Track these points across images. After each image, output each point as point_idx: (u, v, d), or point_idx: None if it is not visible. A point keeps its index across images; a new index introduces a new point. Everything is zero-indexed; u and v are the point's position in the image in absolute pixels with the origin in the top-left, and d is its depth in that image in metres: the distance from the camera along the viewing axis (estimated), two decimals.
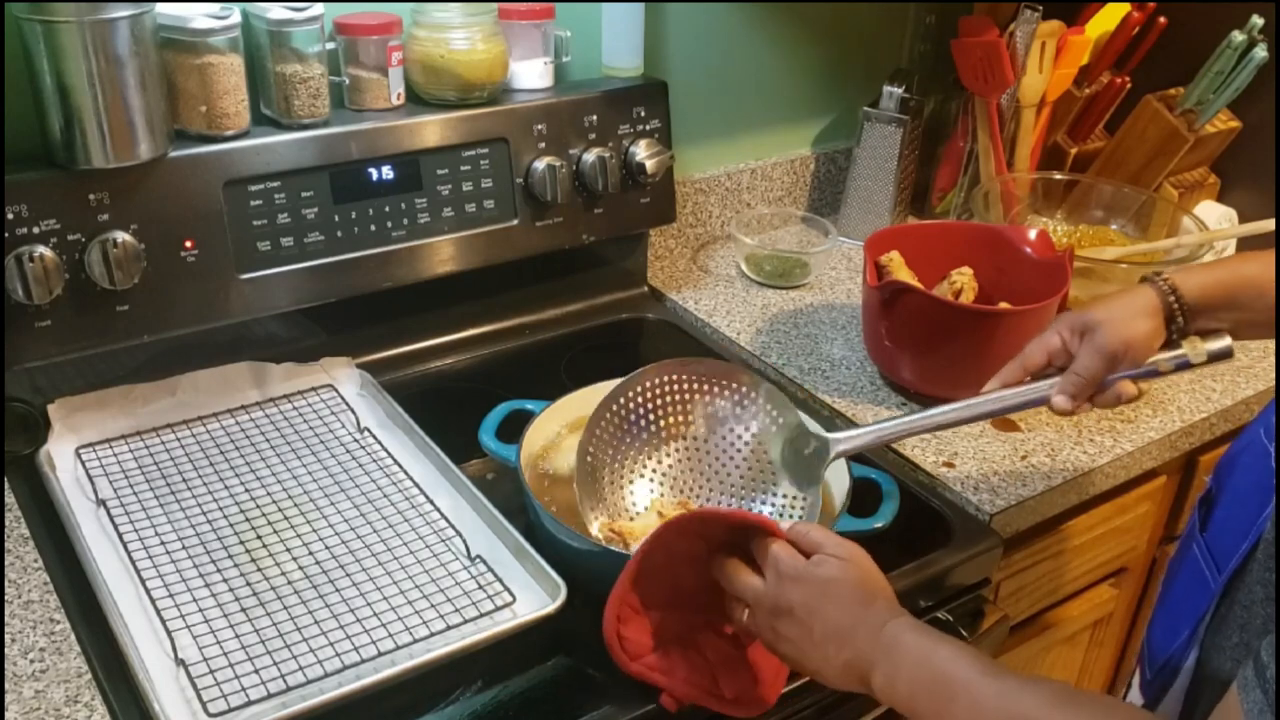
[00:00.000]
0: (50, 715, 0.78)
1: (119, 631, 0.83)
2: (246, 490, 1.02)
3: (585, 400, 1.07)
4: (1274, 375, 1.30)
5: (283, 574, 0.92)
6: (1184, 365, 0.90)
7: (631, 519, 0.96)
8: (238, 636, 0.85)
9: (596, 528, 0.94)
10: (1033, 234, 1.25)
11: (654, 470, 0.99)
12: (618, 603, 0.81)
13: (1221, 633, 0.79)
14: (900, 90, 1.53)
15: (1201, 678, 0.82)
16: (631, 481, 0.98)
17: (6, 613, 0.87)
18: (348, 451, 1.08)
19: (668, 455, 0.99)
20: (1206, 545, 0.85)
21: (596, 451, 0.96)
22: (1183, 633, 0.84)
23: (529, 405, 1.04)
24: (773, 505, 0.97)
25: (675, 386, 0.99)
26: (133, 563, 0.92)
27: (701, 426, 0.99)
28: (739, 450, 0.99)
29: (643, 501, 0.98)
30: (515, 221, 1.25)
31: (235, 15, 1.04)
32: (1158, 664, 0.88)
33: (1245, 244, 1.55)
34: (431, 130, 1.17)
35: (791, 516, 0.95)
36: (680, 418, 0.99)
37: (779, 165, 1.62)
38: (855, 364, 1.29)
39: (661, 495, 0.98)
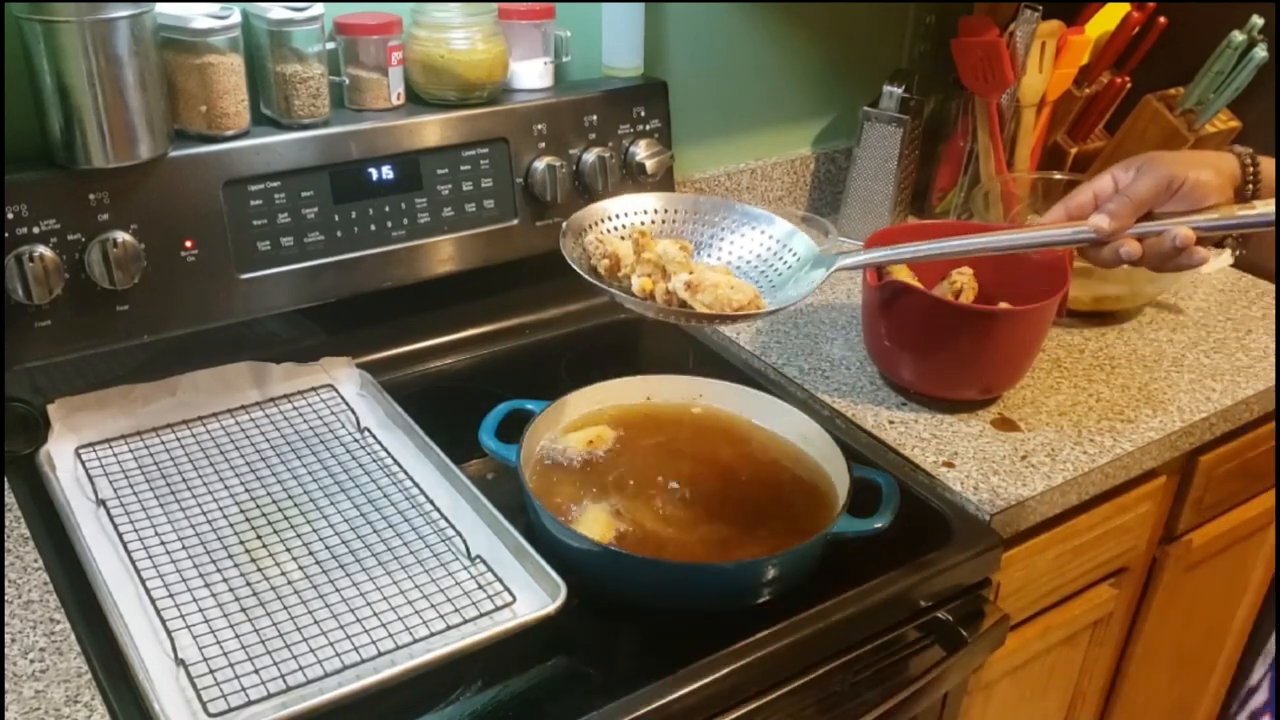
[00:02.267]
0: (50, 715, 0.78)
1: (119, 631, 0.83)
2: (246, 490, 1.02)
3: (585, 400, 1.07)
4: (1274, 375, 1.30)
5: (283, 574, 0.92)
6: (1253, 222, 0.80)
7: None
8: (238, 636, 0.85)
9: (569, 244, 0.88)
10: None
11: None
12: None
13: None
14: (900, 90, 1.53)
15: None
16: (616, 221, 0.92)
17: (6, 613, 0.87)
18: (348, 451, 1.08)
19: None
20: None
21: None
22: None
23: (529, 405, 1.04)
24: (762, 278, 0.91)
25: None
26: (133, 563, 0.92)
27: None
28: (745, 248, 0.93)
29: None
30: (515, 221, 1.25)
31: (235, 15, 1.04)
32: None
33: None
34: (431, 130, 1.17)
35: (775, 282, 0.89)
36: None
37: (779, 165, 1.62)
38: (855, 364, 1.29)
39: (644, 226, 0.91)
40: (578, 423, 1.07)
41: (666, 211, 0.93)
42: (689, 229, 0.93)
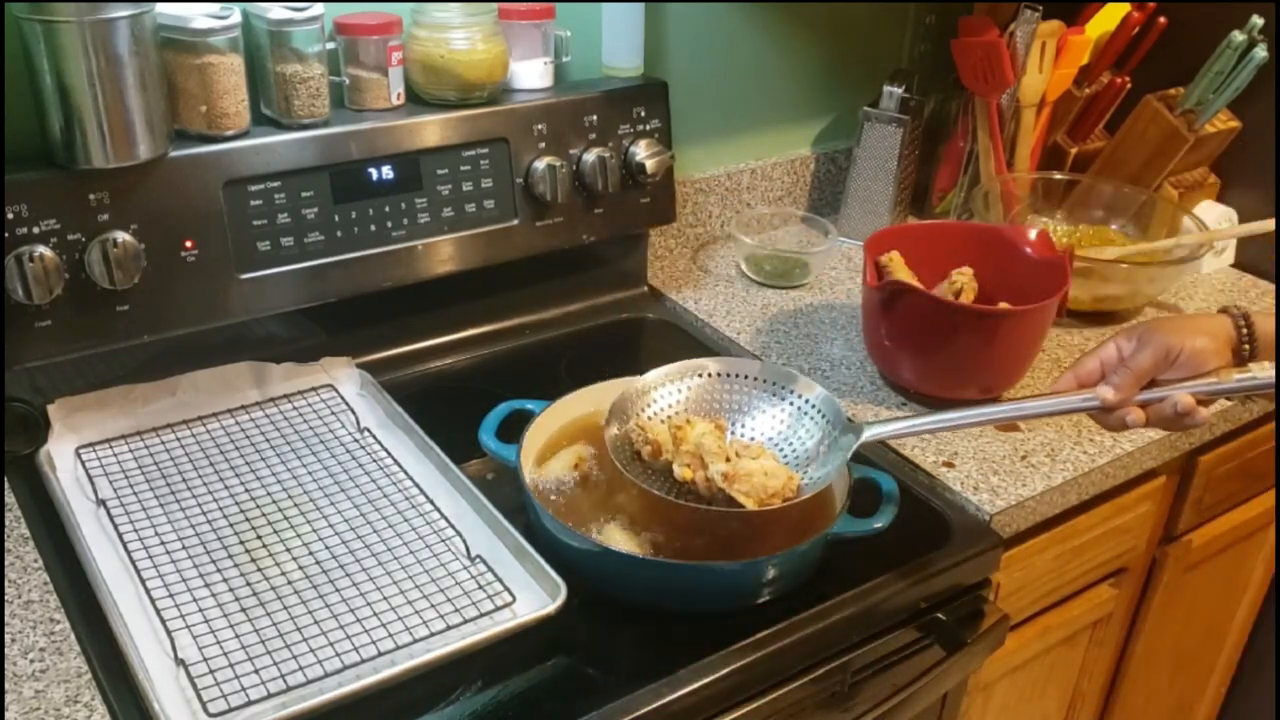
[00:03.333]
0: (50, 715, 0.78)
1: (119, 631, 0.83)
2: (246, 490, 1.02)
3: (585, 400, 1.07)
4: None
5: (283, 574, 0.92)
6: (1250, 386, 0.83)
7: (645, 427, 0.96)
8: (238, 636, 0.85)
9: (614, 432, 0.95)
10: (1033, 234, 1.25)
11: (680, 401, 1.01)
12: None
13: None
14: (900, 90, 1.53)
15: None
16: (654, 402, 1.00)
17: (6, 613, 0.87)
18: (348, 451, 1.08)
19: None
20: None
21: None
22: None
23: (529, 405, 1.04)
24: (791, 457, 0.97)
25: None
26: (133, 563, 0.92)
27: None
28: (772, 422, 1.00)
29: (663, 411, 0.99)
30: (515, 221, 1.25)
31: (235, 15, 1.04)
32: None
33: (1245, 244, 1.56)
34: (431, 130, 1.17)
35: (805, 476, 0.95)
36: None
37: (779, 165, 1.62)
38: (855, 364, 1.29)
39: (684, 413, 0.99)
40: (561, 436, 1.06)
41: (699, 376, 1.01)
42: (721, 389, 1.01)
